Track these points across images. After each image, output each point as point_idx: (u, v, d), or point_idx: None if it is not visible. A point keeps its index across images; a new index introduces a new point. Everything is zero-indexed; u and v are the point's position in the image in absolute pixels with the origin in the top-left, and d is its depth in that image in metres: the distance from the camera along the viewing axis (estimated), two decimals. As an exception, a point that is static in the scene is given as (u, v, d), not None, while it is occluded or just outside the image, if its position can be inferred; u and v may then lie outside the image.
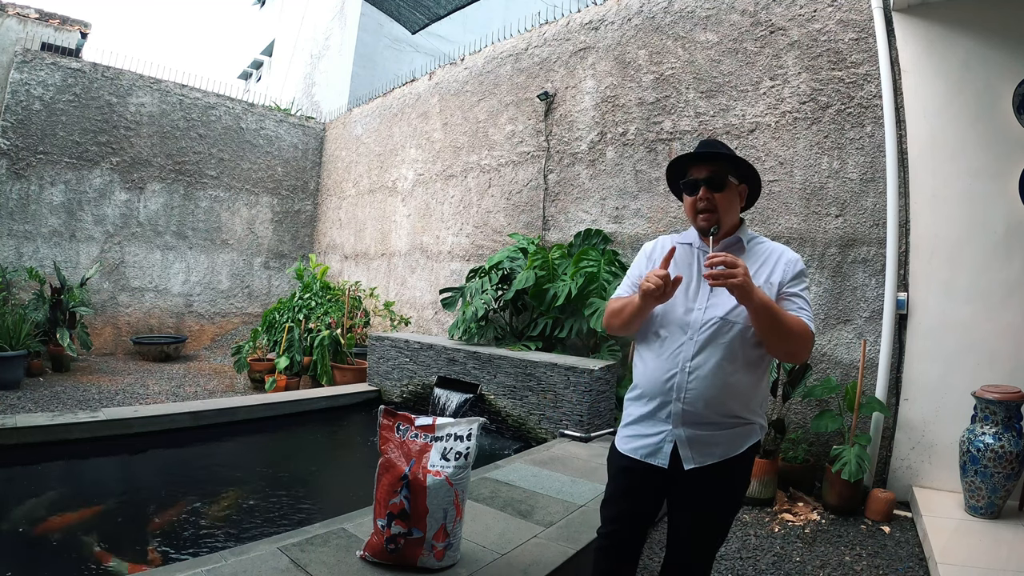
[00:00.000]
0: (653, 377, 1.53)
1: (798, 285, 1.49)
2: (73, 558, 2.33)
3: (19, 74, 6.93)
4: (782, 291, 1.48)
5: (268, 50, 16.48)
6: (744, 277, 1.30)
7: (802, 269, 1.52)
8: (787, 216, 4.03)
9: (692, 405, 1.46)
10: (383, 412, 2.00)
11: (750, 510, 3.20)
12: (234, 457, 4.10)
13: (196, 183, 8.38)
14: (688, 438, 1.48)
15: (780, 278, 1.49)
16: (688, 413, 1.47)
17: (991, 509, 2.85)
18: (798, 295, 1.48)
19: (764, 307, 1.35)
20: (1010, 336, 3.10)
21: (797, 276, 1.50)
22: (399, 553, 1.86)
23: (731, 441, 1.48)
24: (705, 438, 1.48)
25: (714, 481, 1.49)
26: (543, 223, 5.75)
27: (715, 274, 1.32)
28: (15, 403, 4.77)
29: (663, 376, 1.50)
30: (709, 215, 1.52)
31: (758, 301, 1.34)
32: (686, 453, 1.48)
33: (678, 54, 4.73)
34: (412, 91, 7.79)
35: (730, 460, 1.48)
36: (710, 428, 1.47)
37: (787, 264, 1.51)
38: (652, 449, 1.53)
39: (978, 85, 3.26)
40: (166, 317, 8.15)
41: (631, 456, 1.57)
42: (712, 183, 1.52)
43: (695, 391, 1.46)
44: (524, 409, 4.17)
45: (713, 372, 1.45)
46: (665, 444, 1.51)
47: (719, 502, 1.52)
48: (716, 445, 1.48)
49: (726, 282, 1.31)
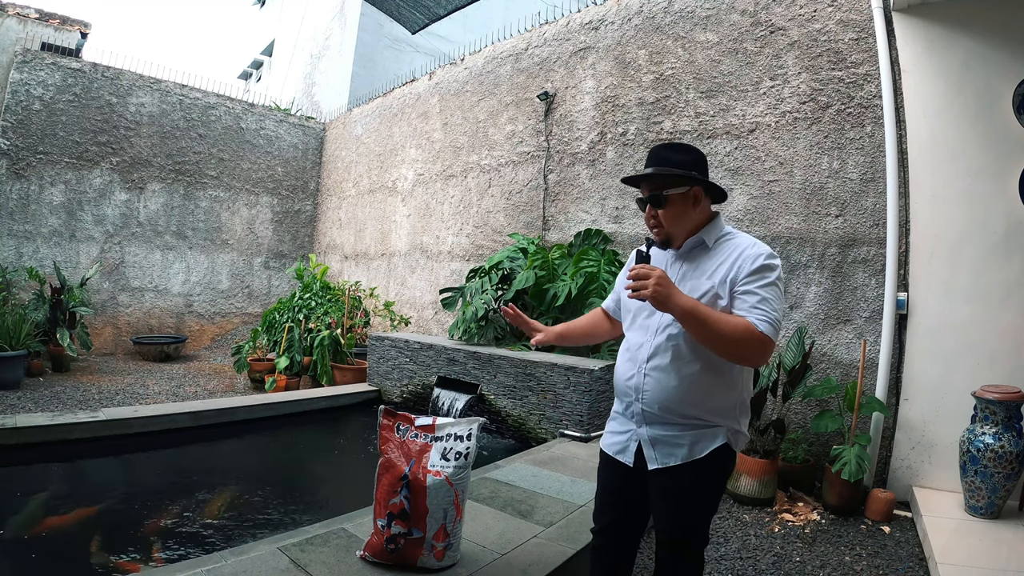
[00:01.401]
0: (620, 377, 1.60)
1: (754, 282, 1.39)
2: (73, 558, 2.33)
3: (19, 74, 6.92)
4: (734, 289, 1.42)
5: (268, 50, 16.48)
6: (655, 288, 1.30)
7: (764, 264, 1.41)
8: (787, 216, 4.03)
9: (650, 405, 1.50)
10: (383, 412, 2.00)
11: (750, 510, 3.20)
12: (234, 457, 4.10)
13: (196, 183, 8.38)
14: (651, 438, 1.51)
15: (734, 275, 1.43)
16: (648, 413, 1.51)
17: (991, 509, 2.85)
18: (751, 292, 1.38)
19: (686, 313, 1.33)
20: (1010, 336, 3.10)
21: (754, 272, 1.40)
22: (399, 553, 1.86)
23: (694, 444, 1.47)
24: (667, 439, 1.49)
25: (680, 483, 1.48)
26: (543, 223, 5.75)
27: (631, 287, 1.34)
28: (15, 403, 4.77)
29: (626, 376, 1.57)
30: (659, 229, 1.56)
31: (678, 309, 1.32)
32: (649, 453, 1.51)
33: (678, 54, 4.73)
34: (412, 91, 7.79)
35: (695, 463, 1.46)
36: (670, 428, 1.49)
37: (745, 260, 1.43)
38: (621, 447, 1.59)
39: (978, 85, 3.26)
40: (166, 317, 8.15)
41: (607, 452, 1.64)
42: (653, 202, 1.53)
43: (651, 392, 1.50)
44: (524, 409, 4.17)
45: (667, 374, 1.47)
46: (631, 443, 1.56)
47: (686, 505, 1.51)
48: (678, 446, 1.48)
49: (639, 294, 1.32)
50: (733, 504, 3.28)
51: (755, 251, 1.44)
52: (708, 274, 1.48)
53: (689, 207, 1.53)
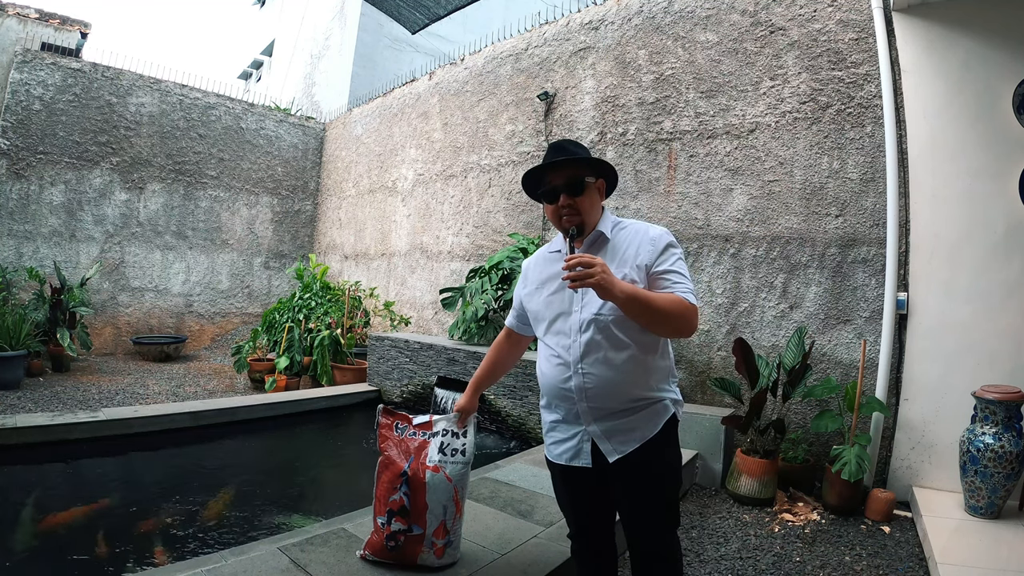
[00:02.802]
0: (552, 383, 1.57)
1: (667, 261, 1.47)
2: (73, 558, 2.32)
3: (19, 74, 6.93)
4: (652, 272, 1.47)
5: (268, 50, 16.48)
6: (601, 275, 1.29)
7: (667, 243, 1.50)
8: (787, 216, 4.03)
9: (595, 401, 1.49)
10: (382, 411, 2.00)
11: (750, 510, 3.20)
12: (234, 457, 4.10)
13: (196, 183, 8.38)
14: (603, 431, 1.51)
15: (647, 259, 1.48)
16: (594, 410, 1.50)
17: (991, 509, 2.85)
18: (669, 271, 1.46)
19: (629, 298, 1.33)
20: (1010, 336, 3.10)
21: (663, 252, 1.48)
22: (399, 550, 1.86)
23: (645, 423, 1.50)
24: (618, 427, 1.50)
25: (642, 465, 1.50)
26: (543, 223, 5.75)
27: (571, 276, 1.31)
28: (15, 403, 4.77)
29: (559, 382, 1.54)
30: (573, 218, 1.54)
31: (622, 294, 1.32)
32: (606, 447, 1.51)
33: (678, 54, 4.73)
34: (412, 91, 7.79)
35: (650, 442, 1.49)
36: (620, 417, 1.50)
37: (650, 243, 1.49)
38: (574, 452, 1.56)
39: (978, 85, 3.26)
40: (166, 317, 8.15)
41: (558, 462, 1.61)
42: (570, 188, 1.53)
43: (593, 388, 1.48)
44: (524, 409, 4.17)
45: (604, 366, 1.47)
46: (583, 444, 1.54)
47: (655, 483, 1.53)
48: (632, 431, 1.49)
49: (584, 283, 1.30)
50: (733, 504, 3.28)
51: (654, 233, 1.52)
52: (617, 263, 1.50)
53: (597, 197, 1.59)
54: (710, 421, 3.51)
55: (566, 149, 1.56)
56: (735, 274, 4.25)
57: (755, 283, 4.14)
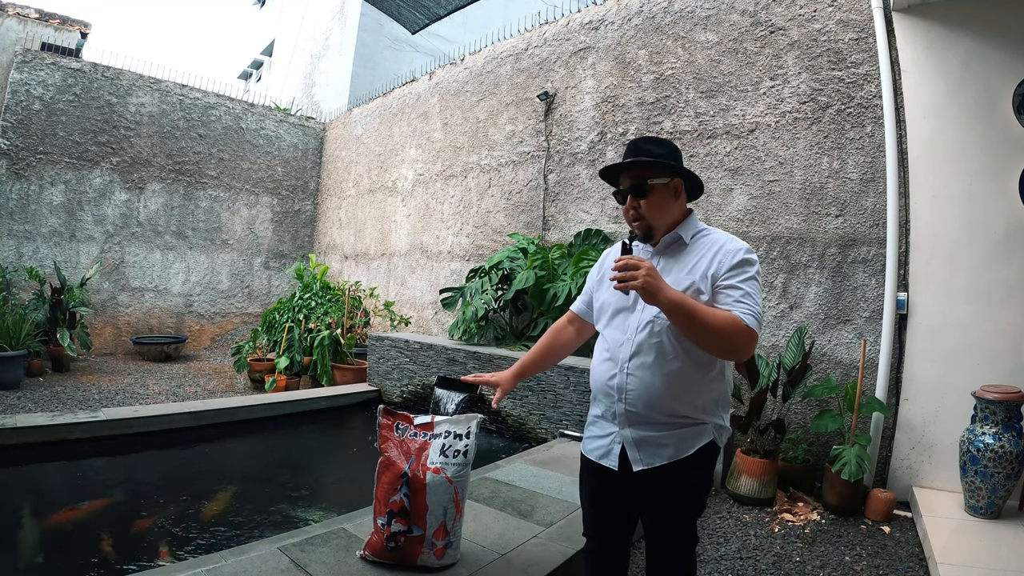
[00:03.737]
0: (599, 378, 1.55)
1: (736, 276, 1.40)
2: (73, 558, 2.32)
3: (19, 74, 6.92)
4: (716, 284, 1.41)
5: (268, 50, 16.48)
6: (645, 279, 1.27)
7: (743, 259, 1.42)
8: (787, 216, 4.03)
9: (634, 405, 1.46)
10: (382, 411, 2.00)
11: (750, 510, 3.20)
12: (234, 457, 4.10)
13: (196, 183, 8.38)
14: (634, 439, 1.47)
15: (716, 270, 1.42)
16: (631, 414, 1.46)
17: (991, 509, 2.85)
18: (734, 287, 1.38)
19: (675, 306, 1.30)
20: (1010, 336, 3.10)
21: (735, 267, 1.41)
22: (399, 551, 1.86)
23: (680, 442, 1.45)
24: (651, 439, 1.45)
25: (667, 483, 1.46)
26: (543, 223, 5.75)
27: (617, 277, 1.30)
28: (15, 403, 4.77)
29: (606, 377, 1.51)
30: (640, 222, 1.52)
31: (667, 300, 1.29)
32: (634, 455, 1.47)
33: (678, 54, 4.73)
34: (412, 91, 7.79)
35: (681, 462, 1.44)
36: (655, 428, 1.45)
37: (725, 255, 1.43)
38: (604, 451, 1.54)
39: (978, 85, 3.26)
40: (166, 317, 8.15)
41: (589, 458, 1.60)
42: (636, 191, 1.50)
43: (635, 391, 1.45)
44: (524, 409, 4.17)
45: (651, 372, 1.44)
46: (614, 446, 1.51)
47: (674, 504, 1.49)
48: (663, 446, 1.45)
49: (628, 284, 1.29)
50: (733, 504, 3.28)
51: (734, 246, 1.45)
52: (688, 270, 1.46)
53: (670, 199, 1.53)
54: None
55: (639, 149, 1.52)
56: (735, 274, 4.24)
57: (755, 283, 4.14)
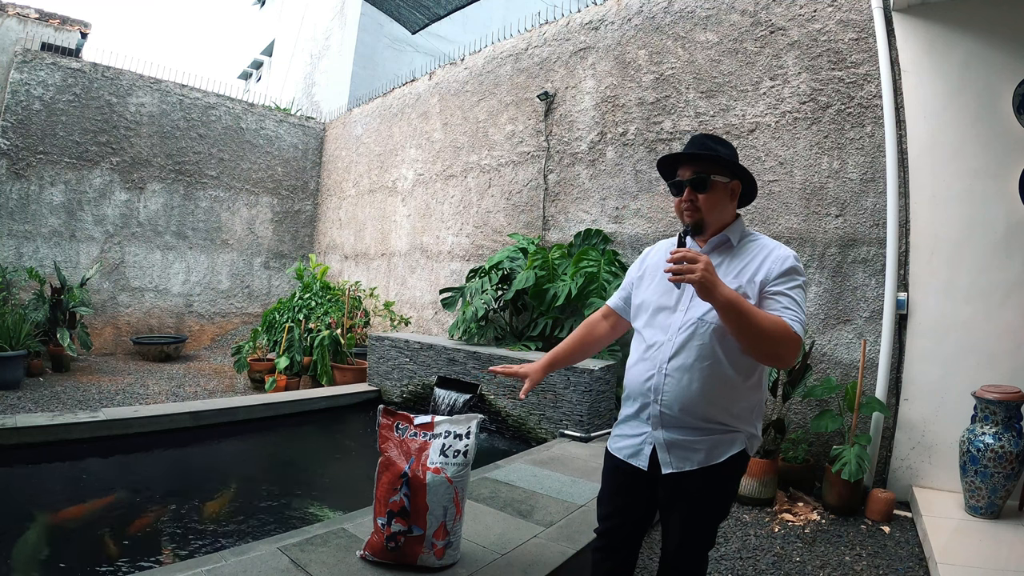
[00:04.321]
0: (635, 378, 1.54)
1: (785, 284, 1.40)
2: (72, 558, 2.32)
3: (19, 74, 6.92)
4: (765, 289, 1.40)
5: (268, 50, 16.47)
6: (704, 272, 1.24)
7: (792, 266, 1.42)
8: (787, 216, 4.03)
9: (669, 408, 1.44)
10: (382, 412, 2.00)
11: (750, 510, 3.20)
12: (234, 457, 4.10)
13: (196, 183, 8.38)
14: (666, 442, 1.46)
15: (764, 276, 1.41)
16: (666, 416, 1.45)
17: (991, 509, 2.85)
18: (783, 293, 1.39)
19: (730, 304, 1.28)
20: (1010, 336, 3.10)
21: (784, 274, 1.41)
22: (399, 551, 1.86)
23: (712, 449, 1.44)
24: (683, 443, 1.44)
25: (694, 488, 1.45)
26: (543, 223, 5.75)
27: (673, 269, 1.27)
28: (15, 403, 4.77)
29: (643, 377, 1.50)
30: (693, 213, 1.51)
31: (722, 298, 1.28)
32: (664, 457, 1.46)
33: (678, 54, 4.73)
34: (412, 91, 7.79)
35: (710, 468, 1.43)
36: (689, 432, 1.44)
37: (774, 261, 1.43)
38: (634, 450, 1.53)
39: (978, 85, 3.26)
40: (166, 317, 8.15)
41: (617, 456, 1.59)
42: (696, 184, 1.49)
43: (671, 393, 1.44)
44: (524, 409, 4.17)
45: (689, 375, 1.42)
46: (645, 446, 1.50)
47: (699, 510, 1.48)
48: (695, 451, 1.44)
49: (684, 277, 1.27)
50: (733, 504, 3.28)
51: (783, 253, 1.45)
52: (735, 273, 1.45)
53: (726, 199, 1.52)
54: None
55: (704, 144, 1.52)
56: (735, 274, 4.25)
57: (755, 283, 4.14)
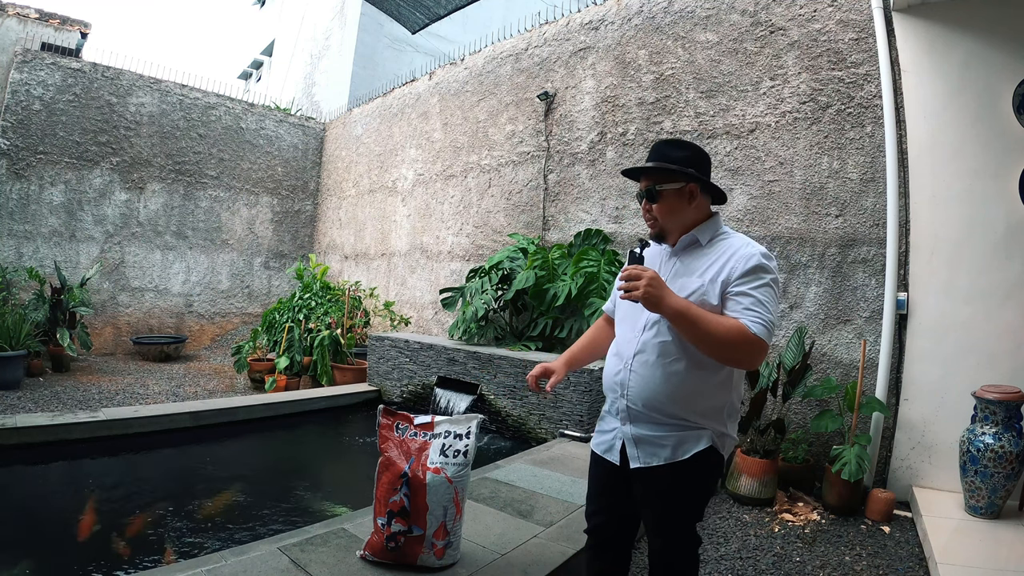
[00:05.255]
0: (608, 372, 1.60)
1: (749, 283, 1.36)
2: (72, 558, 2.32)
3: (19, 74, 6.92)
4: (728, 289, 1.39)
5: (268, 50, 16.47)
6: (647, 289, 1.29)
7: (757, 264, 1.38)
8: (787, 216, 4.03)
9: (634, 403, 1.49)
10: (382, 412, 2.00)
11: (750, 510, 3.20)
12: (234, 457, 4.10)
13: (196, 183, 8.38)
14: (634, 436, 1.50)
15: (727, 275, 1.39)
16: (632, 411, 1.50)
17: (991, 509, 2.85)
18: (745, 294, 1.35)
19: (679, 315, 1.31)
20: (1010, 336, 3.10)
21: (748, 273, 1.37)
22: (399, 551, 1.86)
23: (678, 445, 1.45)
24: (650, 438, 1.47)
25: (663, 485, 1.47)
26: (543, 223, 5.75)
27: (622, 287, 1.33)
28: (15, 403, 4.77)
29: (613, 371, 1.56)
30: (652, 223, 1.56)
31: (670, 310, 1.30)
32: (632, 451, 1.50)
33: (678, 54, 4.73)
34: (412, 91, 7.79)
35: (678, 464, 1.44)
36: (654, 428, 1.47)
37: (738, 260, 1.39)
38: (608, 445, 1.58)
39: (978, 85, 3.26)
40: (166, 317, 8.15)
41: (596, 452, 1.64)
42: (648, 196, 1.54)
43: (635, 388, 1.48)
44: (524, 409, 4.17)
45: (652, 370, 1.46)
46: (616, 441, 1.55)
47: (670, 507, 1.50)
48: (661, 447, 1.46)
49: (631, 295, 1.32)
50: (733, 504, 3.28)
51: (748, 251, 1.41)
52: (699, 272, 1.46)
53: (684, 203, 1.51)
54: (710, 421, 3.50)
55: (657, 152, 1.54)
56: (735, 274, 4.24)
57: (755, 283, 4.14)
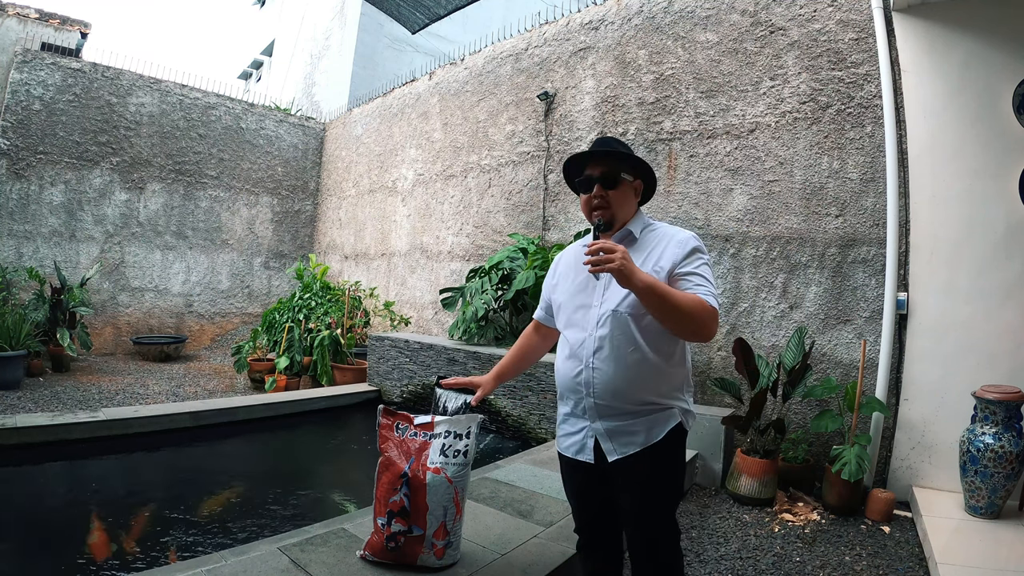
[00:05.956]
0: (565, 375, 1.59)
1: (692, 264, 1.47)
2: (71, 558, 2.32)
3: (19, 74, 6.93)
4: (675, 273, 1.47)
5: (268, 50, 16.47)
6: (621, 261, 1.29)
7: (694, 247, 1.49)
8: (787, 216, 4.03)
9: (602, 399, 1.50)
10: (382, 411, 2.00)
11: (750, 510, 3.20)
12: (234, 457, 4.10)
13: (196, 183, 8.38)
14: (606, 431, 1.51)
15: (670, 261, 1.48)
16: (601, 407, 1.51)
17: (991, 509, 2.85)
18: (692, 273, 1.45)
19: (649, 288, 1.33)
20: (1010, 336, 3.10)
21: (689, 255, 1.48)
22: (399, 551, 1.86)
23: (650, 428, 1.50)
24: (622, 428, 1.50)
25: (642, 470, 1.50)
26: (543, 223, 5.75)
27: (592, 260, 1.31)
28: (15, 403, 4.77)
29: (572, 373, 1.56)
30: (603, 211, 1.56)
31: (641, 283, 1.32)
32: (607, 445, 1.52)
33: (678, 54, 4.73)
34: (412, 91, 7.79)
35: (653, 447, 1.49)
36: (626, 418, 1.50)
37: (677, 245, 1.50)
38: (579, 445, 1.58)
39: (978, 85, 3.26)
40: (166, 317, 8.15)
41: (566, 455, 1.64)
42: (605, 180, 1.55)
43: (601, 385, 1.49)
44: (524, 409, 4.17)
45: (615, 364, 1.48)
46: (587, 439, 1.56)
47: (652, 490, 1.53)
48: (635, 434, 1.50)
49: (604, 268, 1.30)
50: (733, 504, 3.28)
51: (683, 237, 1.52)
52: (639, 263, 1.49)
53: (631, 196, 1.60)
54: (710, 421, 3.51)
55: (610, 144, 1.59)
56: (735, 274, 4.25)
57: (755, 283, 4.14)
